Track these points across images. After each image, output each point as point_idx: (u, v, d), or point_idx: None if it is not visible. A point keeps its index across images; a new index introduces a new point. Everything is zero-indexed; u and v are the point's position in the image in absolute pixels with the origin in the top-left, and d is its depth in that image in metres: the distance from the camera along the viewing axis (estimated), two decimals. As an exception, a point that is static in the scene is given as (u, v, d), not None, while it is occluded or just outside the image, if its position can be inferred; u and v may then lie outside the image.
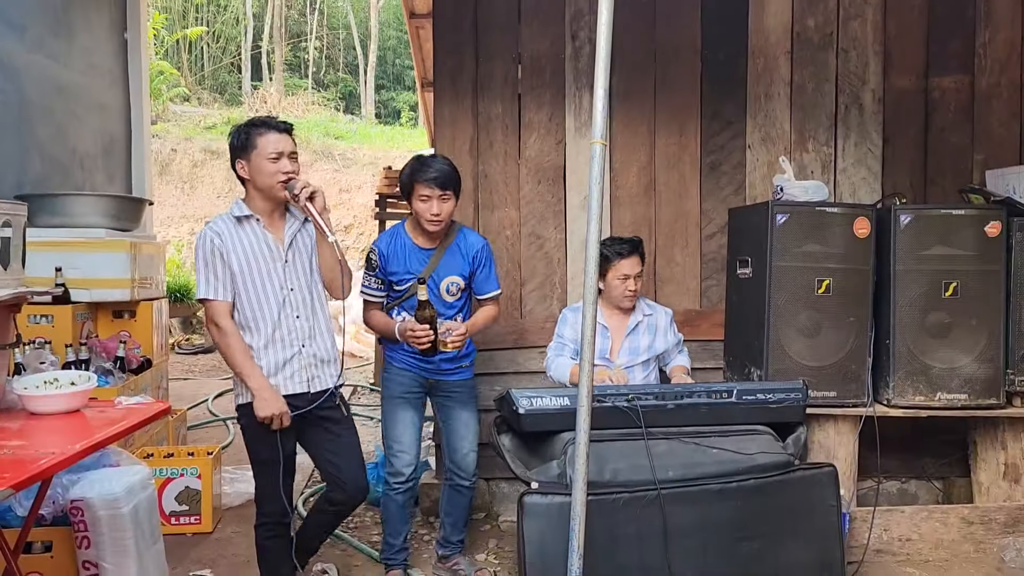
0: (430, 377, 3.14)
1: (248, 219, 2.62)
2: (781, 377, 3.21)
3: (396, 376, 3.12)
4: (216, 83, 21.12)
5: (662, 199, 3.91)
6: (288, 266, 2.64)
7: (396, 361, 3.14)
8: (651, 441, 2.71)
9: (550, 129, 3.89)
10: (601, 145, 2.23)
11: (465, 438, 3.20)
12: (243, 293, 2.60)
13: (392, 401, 3.12)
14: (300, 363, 2.65)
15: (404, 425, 3.11)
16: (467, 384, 3.23)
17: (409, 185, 3.00)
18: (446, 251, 3.12)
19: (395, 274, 3.07)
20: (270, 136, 2.56)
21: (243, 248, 2.59)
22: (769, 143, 3.90)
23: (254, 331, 2.62)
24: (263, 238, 2.62)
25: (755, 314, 3.33)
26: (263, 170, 2.56)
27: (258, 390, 2.56)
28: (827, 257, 3.25)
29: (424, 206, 2.97)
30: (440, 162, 3.02)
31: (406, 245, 3.09)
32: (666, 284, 3.92)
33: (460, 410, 3.20)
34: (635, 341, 3.29)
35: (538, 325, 3.84)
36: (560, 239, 3.90)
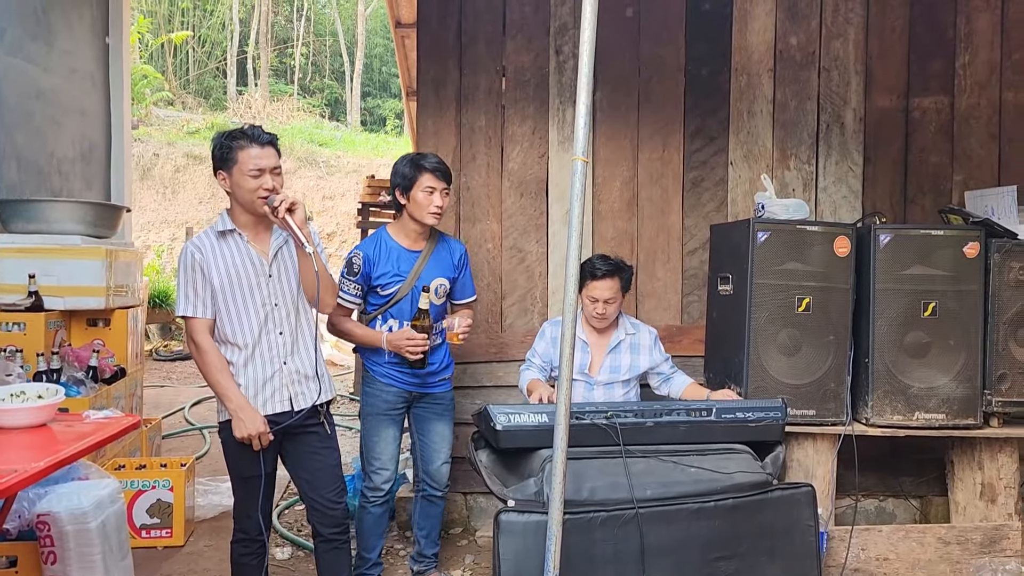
0: (414, 391, 3.12)
1: (231, 233, 2.58)
2: (761, 395, 3.19)
3: (381, 392, 3.07)
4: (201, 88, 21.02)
5: (644, 214, 3.91)
6: (273, 281, 2.60)
7: (381, 375, 3.08)
8: (629, 459, 2.69)
9: (533, 143, 3.88)
10: (583, 162, 2.22)
11: (440, 450, 3.18)
12: (224, 309, 2.56)
13: (376, 419, 3.08)
14: (281, 380, 2.60)
15: (386, 442, 3.08)
16: (447, 397, 3.22)
17: (413, 176, 2.98)
18: (432, 253, 3.11)
19: (382, 277, 3.03)
20: (251, 151, 2.49)
21: (225, 263, 2.55)
22: (751, 160, 3.91)
23: (234, 347, 2.57)
24: (246, 253, 2.57)
25: (735, 331, 3.33)
26: (243, 185, 2.50)
27: (236, 410, 2.51)
28: (807, 275, 3.25)
29: (428, 197, 2.97)
30: (438, 157, 3.06)
31: (392, 248, 3.07)
32: (647, 299, 3.91)
33: (437, 422, 3.18)
34: (616, 359, 3.28)
35: (518, 339, 3.82)
36: (541, 253, 3.88)
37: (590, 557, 2.56)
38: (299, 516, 4.08)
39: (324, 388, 2.70)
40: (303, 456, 2.67)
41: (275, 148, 2.55)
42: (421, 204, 2.98)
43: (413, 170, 2.99)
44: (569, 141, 3.83)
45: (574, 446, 2.49)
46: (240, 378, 2.56)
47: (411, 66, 6.36)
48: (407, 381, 3.09)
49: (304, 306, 2.67)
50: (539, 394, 3.02)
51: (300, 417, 2.62)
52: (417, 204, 3.00)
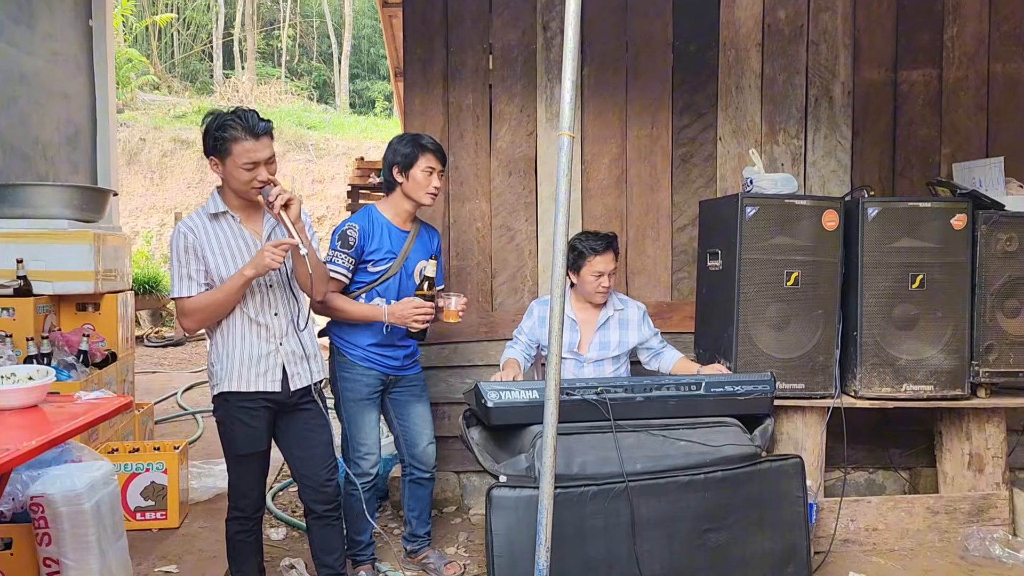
0: (393, 374, 3.13)
1: (224, 215, 2.57)
2: (750, 369, 3.23)
3: (361, 376, 3.07)
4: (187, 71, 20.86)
5: (633, 191, 3.92)
6: None
7: (360, 358, 3.07)
8: (619, 434, 2.72)
9: (521, 120, 3.88)
10: (569, 137, 2.23)
11: (423, 432, 3.21)
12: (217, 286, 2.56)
13: (358, 404, 3.07)
14: (276, 360, 2.61)
15: (371, 427, 3.09)
16: (419, 378, 3.25)
17: (413, 154, 2.99)
18: (419, 234, 3.14)
19: (375, 252, 3.03)
20: (246, 144, 2.44)
21: (219, 244, 2.54)
22: (740, 135, 3.92)
23: (229, 326, 2.59)
24: (239, 234, 2.57)
25: (725, 307, 3.36)
26: (237, 177, 2.48)
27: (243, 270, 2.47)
28: (796, 249, 3.27)
29: (428, 178, 3.00)
30: (435, 141, 3.08)
31: (384, 224, 3.07)
32: (637, 276, 3.94)
33: (416, 404, 3.21)
34: (605, 336, 3.30)
35: (509, 317, 3.84)
36: (531, 231, 3.90)
37: (581, 530, 2.60)
38: (293, 498, 4.11)
39: (317, 368, 2.72)
40: (296, 433, 2.69)
41: (270, 136, 2.51)
42: (420, 183, 3.00)
43: (414, 148, 3.00)
44: (557, 118, 3.82)
45: (564, 422, 2.52)
46: (235, 352, 2.58)
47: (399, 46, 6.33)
48: (386, 364, 3.09)
49: (296, 286, 2.68)
50: (501, 375, 3.05)
51: (295, 396, 2.64)
52: (416, 183, 3.00)
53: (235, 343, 2.59)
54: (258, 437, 2.62)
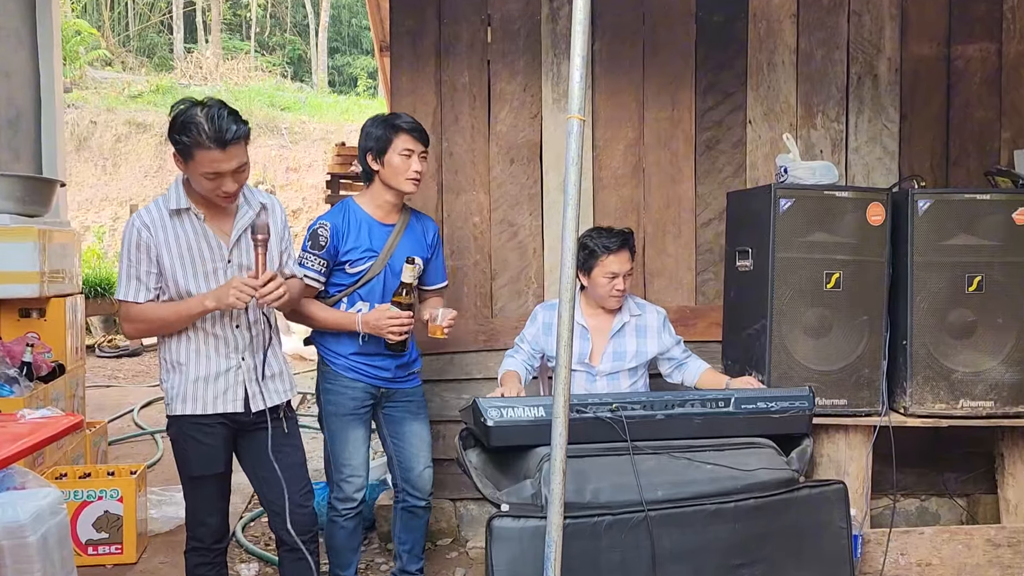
0: (384, 386, 3.13)
1: (186, 212, 2.56)
2: (786, 383, 3.23)
3: (346, 388, 3.08)
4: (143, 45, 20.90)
5: (652, 181, 3.93)
6: (232, 268, 2.60)
7: (344, 368, 3.08)
8: (638, 456, 2.72)
9: (524, 101, 3.89)
10: (579, 121, 2.23)
11: (420, 454, 3.21)
12: (175, 297, 2.56)
13: (342, 420, 3.08)
14: (237, 378, 2.62)
15: (356, 445, 3.10)
16: (418, 392, 3.25)
17: (386, 137, 2.99)
18: (406, 228, 3.13)
19: (352, 252, 3.04)
20: (211, 155, 2.40)
21: (178, 246, 2.54)
22: (772, 118, 3.93)
23: (184, 338, 2.59)
24: (203, 235, 2.57)
25: (756, 312, 3.36)
26: (199, 183, 2.48)
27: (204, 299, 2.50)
28: (837, 247, 3.27)
29: (406, 161, 2.99)
30: (412, 118, 3.07)
31: (363, 219, 3.07)
32: (656, 278, 3.94)
33: (412, 422, 3.21)
34: (620, 345, 3.30)
35: (511, 324, 3.84)
36: (536, 226, 3.91)
37: (595, 566, 2.60)
38: (267, 528, 4.11)
39: (285, 387, 2.74)
40: (260, 453, 2.68)
41: (243, 142, 2.46)
42: (397, 169, 3.00)
43: (387, 131, 3.00)
44: (565, 99, 3.82)
45: (575, 443, 2.51)
46: (189, 371, 2.59)
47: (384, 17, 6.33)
48: (375, 376, 3.09)
49: None
50: (501, 391, 3.05)
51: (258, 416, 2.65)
52: (393, 169, 3.01)
53: (189, 358, 2.60)
54: (214, 457, 2.63)
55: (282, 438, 2.71)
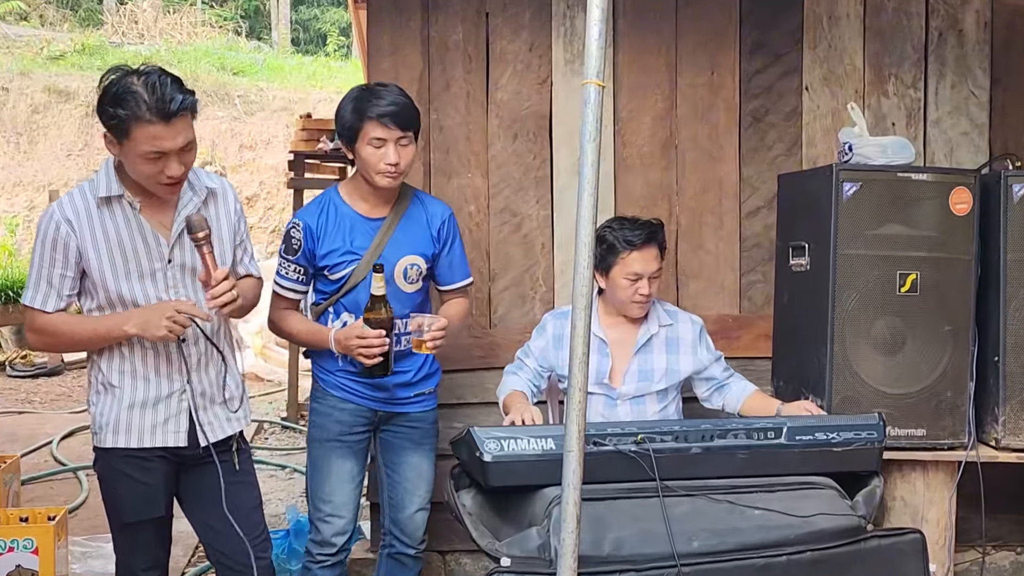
0: (381, 409, 3.15)
1: (118, 200, 2.56)
2: (850, 408, 3.23)
3: (333, 409, 3.10)
4: (66, -5, 20.93)
5: (686, 161, 3.93)
6: (174, 268, 2.61)
7: (333, 386, 3.11)
8: (668, 499, 2.71)
9: (531, 64, 3.89)
10: (597, 87, 2.23)
11: (416, 491, 3.22)
12: (103, 302, 2.57)
13: (325, 446, 3.10)
14: (180, 405, 2.62)
15: (340, 479, 3.11)
16: (428, 418, 3.26)
17: (354, 125, 3.00)
18: (400, 221, 3.13)
19: (330, 256, 3.06)
20: (152, 129, 2.39)
21: (107, 241, 2.55)
22: (834, 84, 3.92)
23: (117, 355, 2.60)
24: (138, 227, 2.57)
25: (814, 321, 3.35)
26: (136, 167, 2.48)
27: (123, 325, 2.51)
28: (913, 242, 3.27)
29: (376, 153, 2.98)
30: (395, 92, 3.05)
31: (344, 215, 3.09)
32: (692, 280, 3.94)
33: (413, 453, 3.21)
34: (647, 361, 3.30)
35: (513, 337, 3.83)
36: (544, 217, 3.90)
37: (616, 634, 2.59)
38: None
39: (243, 414, 2.76)
40: (208, 495, 2.68)
41: (190, 114, 2.46)
42: (368, 162, 3.00)
43: (355, 116, 3.00)
44: (579, 60, 3.83)
45: (592, 482, 2.50)
46: (124, 393, 2.59)
47: (359, -40, 6.37)
48: (368, 396, 3.11)
49: None
50: (518, 415, 3.03)
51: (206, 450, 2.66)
52: (364, 161, 3.01)
53: (123, 379, 2.60)
54: (152, 499, 2.64)
55: (232, 475, 2.71)
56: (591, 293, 2.26)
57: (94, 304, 2.59)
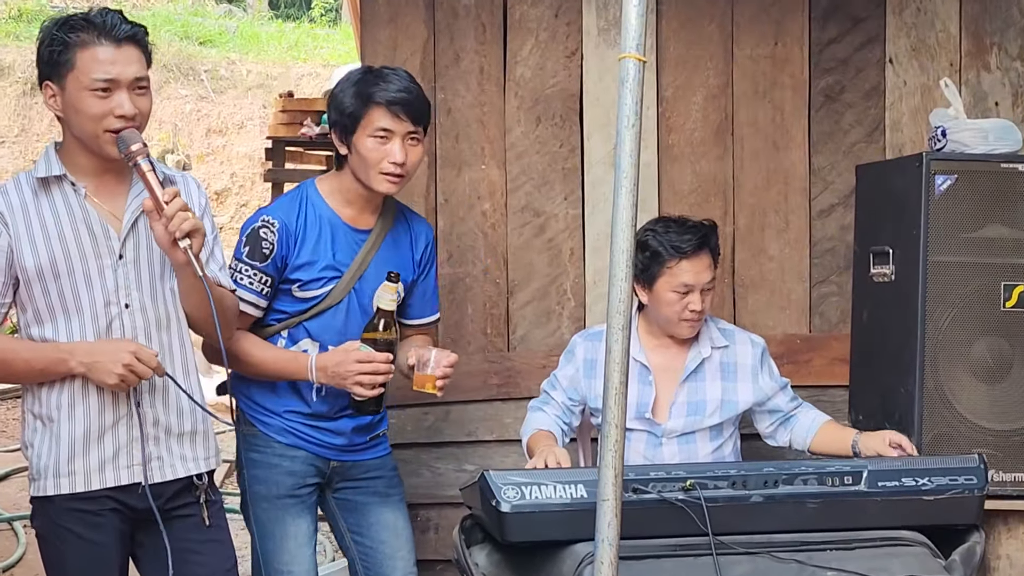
0: (334, 459, 3.13)
1: (59, 182, 2.60)
2: (945, 447, 3.23)
3: (281, 459, 3.08)
4: (0, -49, 21.12)
5: (745, 149, 3.94)
6: (125, 265, 2.63)
7: (278, 430, 3.07)
8: (724, 558, 2.71)
9: (557, 33, 3.91)
10: (637, 62, 2.23)
11: (397, 554, 3.22)
12: (41, 310, 2.59)
13: (276, 504, 3.07)
14: (130, 434, 2.63)
15: (299, 543, 3.10)
16: (387, 464, 3.26)
17: (357, 110, 2.97)
18: (387, 236, 3.14)
19: (306, 269, 3.04)
20: (98, 51, 2.50)
21: (45, 234, 2.57)
22: (924, 55, 3.93)
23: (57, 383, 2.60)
24: (83, 217, 2.60)
25: (900, 343, 3.35)
26: (82, 108, 2.52)
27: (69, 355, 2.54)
28: (1020, 247, 3.28)
29: (380, 148, 2.96)
30: (406, 78, 3.04)
31: (326, 220, 3.08)
32: (751, 292, 3.94)
33: (381, 508, 3.22)
34: (698, 391, 3.30)
35: (536, 361, 3.85)
36: (573, 217, 3.92)
37: None
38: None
39: (205, 451, 2.75)
40: (172, 558, 2.67)
41: (140, 48, 2.57)
42: (367, 159, 2.97)
43: (358, 101, 2.97)
44: (616, 28, 3.84)
45: (631, 537, 2.51)
46: (62, 430, 2.59)
47: (351, -92, 6.41)
48: (323, 443, 3.10)
49: (176, 310, 2.71)
50: (542, 459, 3.02)
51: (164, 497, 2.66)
52: (362, 158, 2.98)
53: (61, 407, 2.60)
54: (102, 560, 2.64)
55: (200, 532, 2.72)
56: (630, 310, 2.26)
57: (30, 315, 2.60)
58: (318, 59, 16.25)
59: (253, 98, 15.03)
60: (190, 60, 15.67)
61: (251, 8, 20.88)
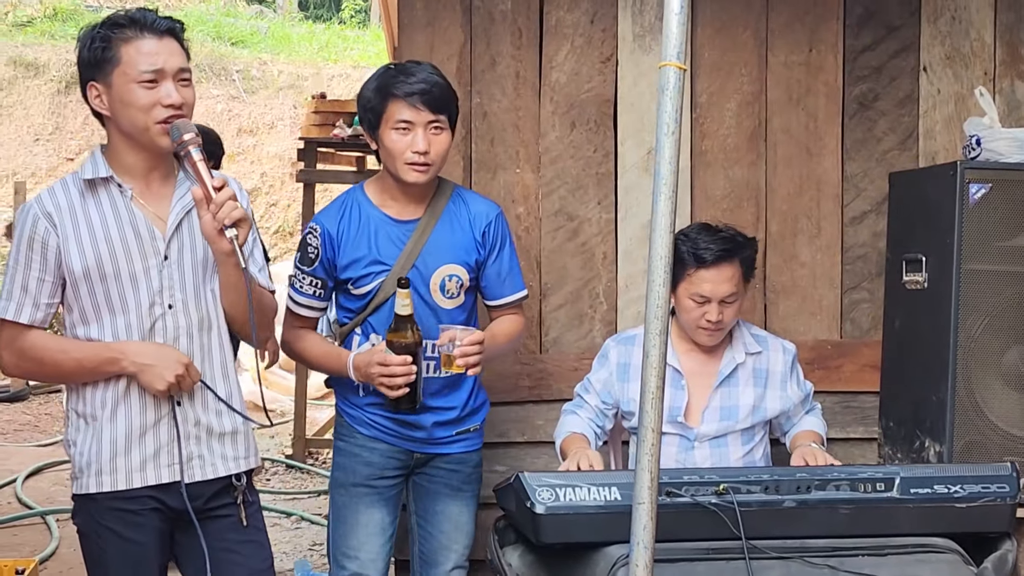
0: (417, 451, 3.17)
1: (106, 183, 2.62)
2: (976, 456, 3.23)
3: (361, 450, 3.13)
4: (36, -49, 21.22)
5: (778, 156, 3.93)
6: (170, 266, 2.65)
7: (360, 422, 3.13)
8: (757, 562, 2.71)
9: (592, 38, 3.91)
10: (678, 70, 2.24)
11: (452, 546, 3.24)
12: (88, 310, 2.61)
13: (351, 492, 3.13)
14: (170, 433, 2.64)
15: (369, 531, 3.13)
16: (471, 460, 3.29)
17: (378, 105, 3.03)
18: (438, 223, 3.15)
19: (353, 267, 3.08)
20: (143, 44, 2.55)
21: (92, 236, 2.59)
22: (959, 63, 3.92)
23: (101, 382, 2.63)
24: (130, 218, 2.62)
25: (932, 350, 3.35)
26: (131, 100, 2.55)
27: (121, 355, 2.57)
28: (1054, 256, 3.27)
29: (401, 140, 3.01)
30: (427, 70, 3.09)
31: (370, 217, 3.12)
32: (783, 298, 3.94)
33: (451, 501, 3.23)
34: (730, 396, 3.31)
35: (568, 364, 3.86)
36: (606, 221, 3.92)
37: None
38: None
39: (244, 450, 2.77)
40: (210, 557, 2.69)
41: (178, 41, 2.62)
42: (392, 151, 3.02)
43: (378, 96, 3.04)
44: (651, 35, 3.85)
45: (665, 540, 2.51)
46: (104, 426, 2.61)
47: (386, -89, 6.41)
48: (403, 434, 3.13)
49: (217, 311, 2.73)
50: (575, 461, 3.05)
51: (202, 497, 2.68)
52: (388, 151, 3.04)
53: (105, 406, 2.63)
54: (143, 559, 2.66)
55: (237, 533, 2.74)
56: (667, 315, 2.27)
57: (76, 315, 2.62)
58: (348, 60, 16.26)
59: (284, 98, 15.03)
60: (222, 60, 15.68)
61: (281, 9, 20.92)
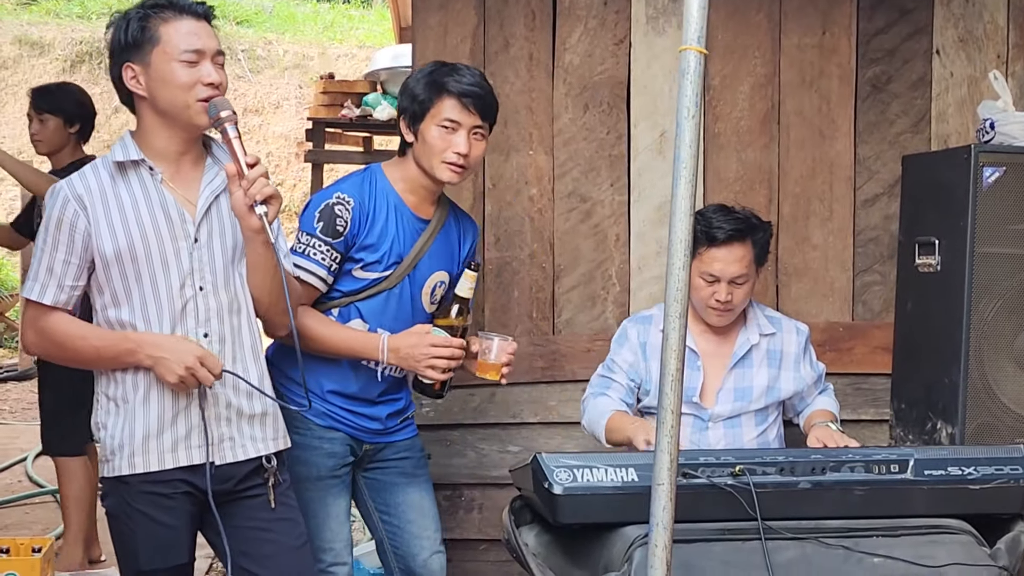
0: (369, 441, 3.17)
1: (136, 166, 2.63)
2: (989, 438, 3.23)
3: (322, 441, 3.10)
4: (40, -71, 21.14)
5: (791, 138, 3.93)
6: (200, 249, 2.65)
7: (316, 413, 3.04)
8: (772, 543, 2.72)
9: (605, 20, 3.91)
10: (698, 54, 2.25)
11: (424, 533, 3.25)
12: (119, 292, 2.62)
13: (318, 485, 3.10)
14: (197, 417, 2.65)
15: (339, 521, 3.14)
16: (415, 445, 3.30)
17: (427, 98, 3.02)
18: (441, 229, 3.17)
19: (371, 250, 3.06)
20: (182, 24, 2.58)
21: (123, 218, 2.59)
22: (972, 46, 3.91)
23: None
24: (160, 201, 2.63)
25: (945, 333, 3.36)
26: (172, 79, 2.56)
27: (138, 346, 2.58)
28: (1068, 240, 3.27)
29: (445, 137, 3.00)
30: (478, 75, 3.10)
31: (393, 205, 3.11)
32: (795, 280, 3.94)
33: (408, 488, 3.25)
34: (744, 377, 3.32)
35: (581, 345, 3.87)
36: (619, 203, 3.92)
37: None
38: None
39: (273, 432, 2.77)
40: (243, 536, 2.72)
41: (213, 27, 2.68)
42: (433, 147, 3.01)
43: (429, 90, 3.02)
44: (664, 17, 3.85)
45: (683, 521, 2.52)
46: (136, 409, 2.62)
47: None
48: (359, 427, 3.12)
49: (247, 298, 2.73)
50: (642, 437, 3.03)
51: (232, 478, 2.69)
52: (428, 146, 3.02)
53: (137, 390, 2.63)
54: (173, 543, 2.66)
55: (268, 512, 2.75)
56: (687, 298, 2.28)
57: (107, 297, 2.63)
58: (353, 40, 16.21)
59: (289, 78, 15.00)
60: (228, 39, 15.60)
61: (287, -12, 20.85)
